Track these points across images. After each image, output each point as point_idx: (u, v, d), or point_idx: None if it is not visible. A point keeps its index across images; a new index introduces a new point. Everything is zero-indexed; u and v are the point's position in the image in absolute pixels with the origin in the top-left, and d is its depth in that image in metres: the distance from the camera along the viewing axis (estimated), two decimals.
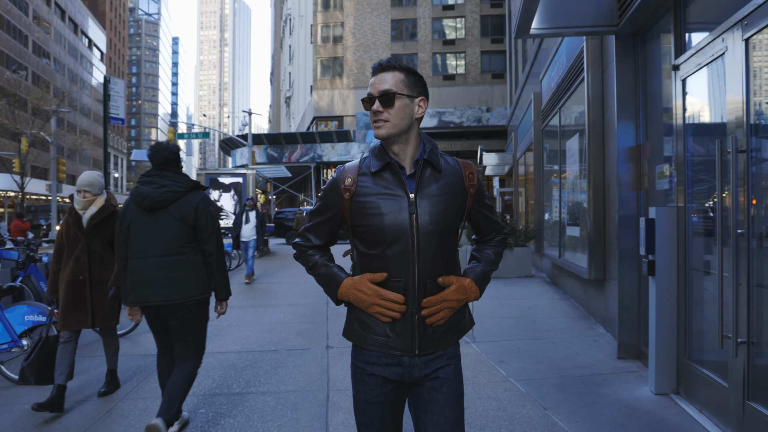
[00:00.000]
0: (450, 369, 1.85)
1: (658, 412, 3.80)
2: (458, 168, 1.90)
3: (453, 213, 1.83)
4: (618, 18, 5.04)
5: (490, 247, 2.02)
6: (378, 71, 1.80)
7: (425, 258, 1.77)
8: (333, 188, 1.87)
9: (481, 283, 1.91)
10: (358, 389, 1.87)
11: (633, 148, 5.23)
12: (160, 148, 3.48)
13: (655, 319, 4.13)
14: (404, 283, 1.78)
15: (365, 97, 1.82)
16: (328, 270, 1.89)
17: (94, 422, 3.81)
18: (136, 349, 5.89)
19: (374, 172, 1.82)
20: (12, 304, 4.82)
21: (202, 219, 3.40)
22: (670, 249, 4.10)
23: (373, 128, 1.81)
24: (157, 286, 3.27)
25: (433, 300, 1.78)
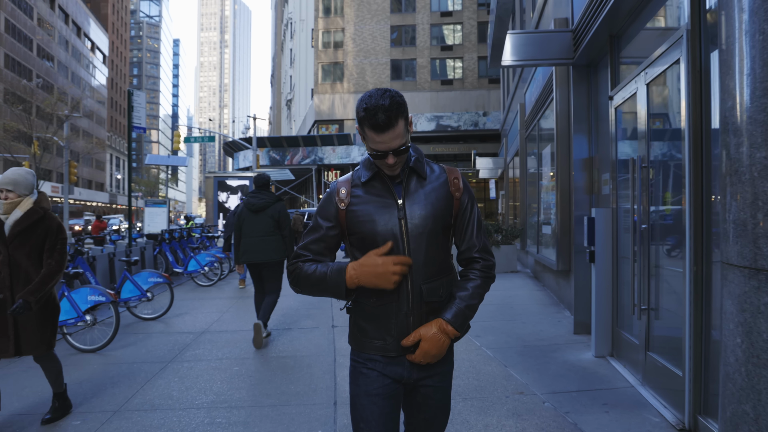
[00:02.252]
0: (441, 378, 1.94)
1: (592, 368, 4.88)
2: (443, 174, 1.94)
3: (440, 216, 1.86)
4: (573, 52, 6.13)
5: (468, 281, 1.92)
6: (385, 129, 1.73)
7: (416, 261, 1.82)
8: (328, 201, 1.91)
9: (456, 322, 1.83)
10: (357, 383, 1.90)
11: (586, 159, 6.31)
12: (261, 178, 6.26)
13: (595, 297, 5.20)
14: (397, 286, 1.81)
15: (374, 153, 1.80)
16: (325, 267, 1.85)
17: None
18: (171, 327, 6.96)
19: (364, 182, 1.88)
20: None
21: (282, 217, 5.99)
22: (606, 241, 5.17)
23: (385, 170, 1.85)
24: (257, 252, 5.85)
25: (409, 342, 1.83)
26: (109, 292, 5.83)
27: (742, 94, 1.61)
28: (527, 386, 4.42)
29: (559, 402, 4.04)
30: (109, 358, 5.54)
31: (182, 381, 4.72)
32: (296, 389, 4.45)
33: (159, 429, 3.66)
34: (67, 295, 5.75)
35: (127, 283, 7.24)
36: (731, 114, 1.66)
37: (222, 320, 7.41)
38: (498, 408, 3.94)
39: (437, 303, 1.88)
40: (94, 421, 3.81)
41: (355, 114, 1.79)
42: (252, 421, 3.77)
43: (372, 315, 1.88)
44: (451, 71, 41.69)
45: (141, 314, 7.49)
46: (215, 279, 11.20)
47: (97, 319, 5.89)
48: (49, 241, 3.68)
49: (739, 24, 1.63)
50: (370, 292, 1.85)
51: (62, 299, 5.77)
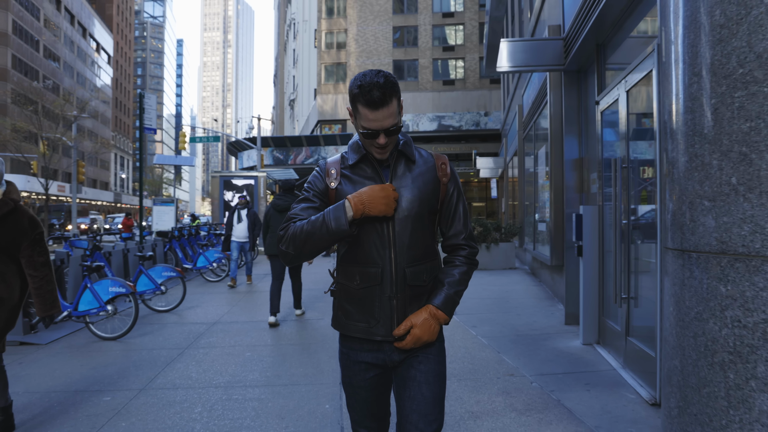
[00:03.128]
0: (430, 348, 1.92)
1: (578, 354, 5.25)
2: (431, 159, 1.95)
3: (426, 200, 1.87)
4: (564, 59, 6.50)
5: (455, 267, 1.95)
6: (379, 106, 1.73)
7: (401, 243, 1.83)
8: (318, 178, 1.93)
9: (445, 308, 1.88)
10: (345, 372, 1.98)
11: (577, 159, 6.68)
12: (287, 183, 7.41)
13: (582, 289, 5.58)
14: (381, 269, 1.83)
15: (365, 132, 1.79)
16: (323, 211, 1.82)
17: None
18: (184, 319, 7.35)
19: (352, 164, 1.89)
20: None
21: None
22: (593, 237, 5.54)
23: (374, 153, 1.85)
24: None
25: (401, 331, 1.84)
26: (128, 283, 6.22)
27: (678, 103, 1.96)
28: (517, 369, 4.80)
29: (546, 382, 4.42)
30: (130, 345, 5.93)
31: (199, 364, 5.11)
32: (305, 371, 4.83)
33: (182, 404, 4.04)
34: (89, 287, 6.14)
35: (142, 277, 7.63)
36: (669, 120, 2.02)
37: (232, 312, 7.80)
38: (489, 387, 4.32)
39: (420, 287, 1.89)
40: (122, 398, 4.20)
41: (348, 93, 1.78)
42: (265, 398, 4.15)
43: (355, 297, 1.88)
44: (453, 71, 42.02)
45: (155, 306, 7.88)
46: (222, 275, 11.60)
47: (117, 309, 6.28)
48: (24, 238, 3.33)
49: (675, 37, 1.99)
50: (354, 272, 1.87)
51: (85, 290, 6.17)
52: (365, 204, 1.76)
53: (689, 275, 1.93)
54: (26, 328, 6.16)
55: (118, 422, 3.71)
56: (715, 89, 1.71)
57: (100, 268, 6.31)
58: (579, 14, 5.67)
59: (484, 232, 12.46)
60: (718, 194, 1.69)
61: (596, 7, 5.00)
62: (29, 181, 48.69)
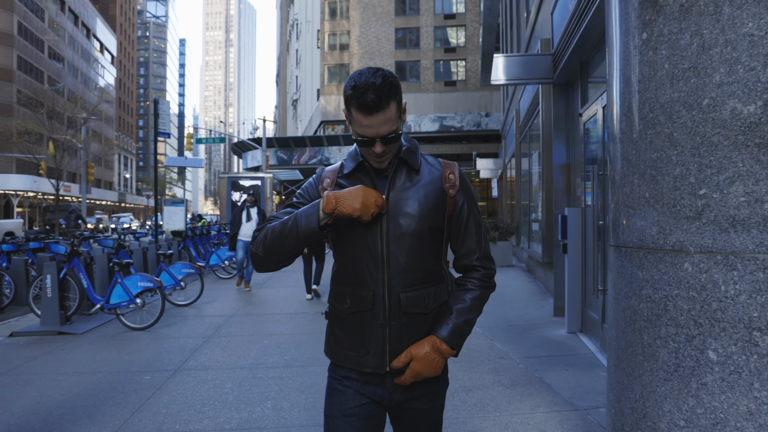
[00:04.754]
0: (433, 397, 1.74)
1: (562, 341, 5.86)
2: (438, 168, 1.74)
3: (428, 215, 1.65)
4: (553, 73, 7.10)
5: (466, 291, 1.72)
6: (373, 110, 1.53)
7: (396, 265, 1.62)
8: (313, 186, 1.76)
9: (452, 340, 1.65)
10: (331, 401, 1.71)
11: (564, 164, 7.28)
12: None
13: (567, 282, 6.18)
14: (372, 292, 1.63)
15: (359, 139, 1.60)
16: (297, 210, 1.64)
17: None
18: (203, 312, 7.97)
19: (347, 173, 1.70)
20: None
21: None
22: (576, 235, 6.14)
23: (372, 162, 1.66)
24: None
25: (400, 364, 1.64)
26: (155, 279, 6.83)
27: (614, 133, 2.56)
28: (507, 353, 5.41)
29: (531, 363, 5.03)
30: (158, 334, 6.55)
31: (224, 350, 5.72)
32: (319, 356, 5.44)
33: (213, 381, 4.66)
34: (120, 282, 6.76)
35: (163, 273, 8.24)
36: (610, 145, 2.62)
37: (247, 306, 8.42)
38: (481, 367, 4.93)
39: (421, 315, 1.67)
40: (160, 377, 4.81)
41: (342, 94, 1.64)
42: (285, 376, 4.76)
43: (346, 322, 1.70)
44: (455, 72, 42.61)
45: (175, 301, 8.50)
46: (234, 272, 12.22)
47: (145, 302, 6.90)
48: None
49: (614, 83, 2.58)
50: (345, 294, 1.69)
51: (116, 285, 6.79)
52: (338, 199, 1.55)
53: (620, 265, 2.53)
54: (62, 320, 6.77)
55: (161, 396, 4.32)
56: (636, 127, 2.30)
57: (130, 265, 6.93)
58: (564, 34, 6.27)
59: None
60: (637, 204, 2.30)
61: (578, 30, 5.60)
62: (36, 181, 49.39)
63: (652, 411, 2.19)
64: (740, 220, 1.90)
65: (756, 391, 1.86)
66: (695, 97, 2.03)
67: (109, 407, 4.07)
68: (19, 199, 49.76)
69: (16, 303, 8.77)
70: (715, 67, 1.97)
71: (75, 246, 7.24)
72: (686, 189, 2.06)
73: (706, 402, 1.99)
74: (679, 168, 2.08)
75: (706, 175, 2.00)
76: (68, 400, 4.23)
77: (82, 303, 7.17)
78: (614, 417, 2.47)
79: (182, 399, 4.22)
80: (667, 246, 2.15)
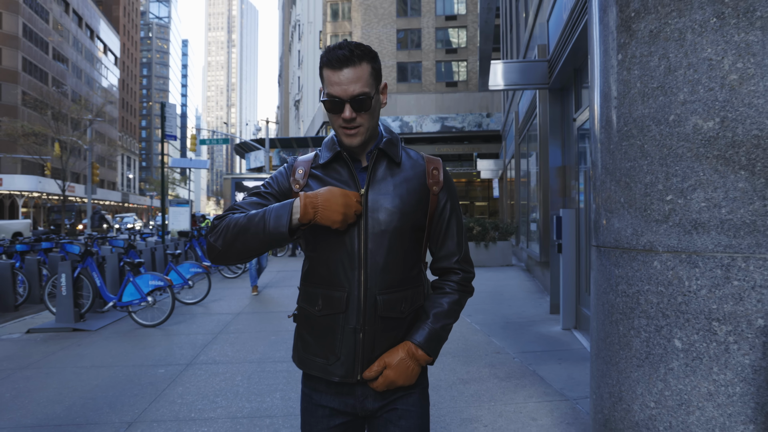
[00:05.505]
0: (411, 399, 1.61)
1: (557, 337, 6.11)
2: (421, 162, 1.63)
3: (410, 212, 1.55)
4: (549, 78, 7.34)
5: (444, 295, 1.64)
6: (342, 64, 1.43)
7: (374, 264, 1.52)
8: (282, 176, 1.63)
9: (428, 346, 1.57)
10: (304, 419, 1.64)
11: (560, 167, 7.52)
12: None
13: (562, 281, 6.42)
14: (347, 293, 1.52)
15: (327, 99, 1.47)
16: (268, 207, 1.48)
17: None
18: (210, 310, 8.23)
19: (323, 164, 1.59)
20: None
21: None
22: (571, 235, 6.39)
23: (341, 135, 1.53)
24: None
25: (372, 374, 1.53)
26: (166, 278, 7.09)
27: (596, 144, 2.80)
28: (503, 348, 5.65)
29: (526, 358, 5.27)
30: (169, 331, 6.81)
31: (233, 345, 5.98)
32: None
33: (224, 374, 4.91)
34: (132, 281, 7.02)
35: (171, 272, 8.50)
36: (593, 142, 2.86)
37: (253, 304, 8.67)
38: (478, 361, 5.18)
39: (396, 320, 1.57)
40: (174, 370, 5.07)
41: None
42: (292, 370, 5.02)
43: (316, 326, 1.58)
44: (456, 73, 42.85)
45: (183, 299, 8.76)
46: (239, 272, 12.48)
47: (156, 300, 7.16)
48: None
49: (595, 98, 2.83)
50: (316, 295, 1.57)
51: (128, 284, 7.05)
52: (317, 208, 1.44)
53: (600, 263, 2.78)
54: (77, 317, 7.04)
55: (175, 387, 4.58)
56: (613, 138, 2.55)
57: (141, 265, 7.19)
58: (559, 42, 6.52)
59: (483, 231, 13.30)
60: (614, 208, 2.54)
61: (571, 40, 5.84)
62: (40, 181, 49.79)
63: (627, 394, 2.45)
64: (701, 223, 2.16)
65: (715, 375, 2.12)
66: (663, 113, 2.29)
67: (128, 397, 4.32)
68: (23, 200, 50.15)
69: (29, 301, 9.04)
70: (679, 87, 2.23)
71: (88, 246, 7.49)
72: (655, 195, 2.31)
73: (673, 385, 2.24)
74: (649, 176, 2.33)
75: (672, 183, 2.25)
76: (89, 391, 4.49)
77: (95, 301, 7.44)
78: (595, 401, 2.72)
79: (196, 390, 4.48)
80: (639, 246, 2.40)
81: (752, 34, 2.05)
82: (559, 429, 3.59)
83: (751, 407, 2.06)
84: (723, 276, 2.12)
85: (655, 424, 2.31)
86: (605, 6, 2.58)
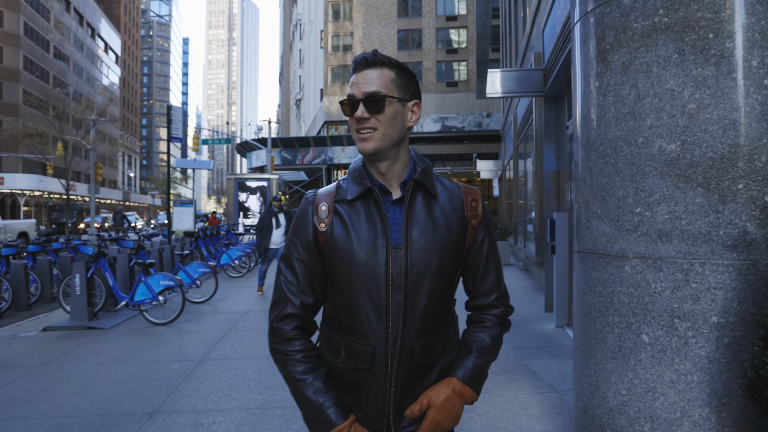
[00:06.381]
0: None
1: (550, 334, 6.42)
2: (459, 193, 1.50)
3: (451, 252, 1.43)
4: (544, 86, 7.64)
5: (485, 329, 1.52)
6: (361, 67, 1.39)
7: (413, 309, 1.39)
8: (304, 220, 1.46)
9: (473, 382, 1.46)
10: None
11: (554, 171, 7.83)
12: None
13: (555, 280, 6.73)
14: (372, 348, 1.39)
15: (344, 100, 1.40)
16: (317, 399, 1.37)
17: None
18: (218, 309, 8.54)
19: (351, 199, 1.43)
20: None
21: None
22: (564, 238, 6.69)
23: (356, 140, 1.40)
24: None
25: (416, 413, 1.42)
26: (176, 278, 7.40)
27: (577, 159, 3.11)
28: None
29: (520, 353, 5.58)
30: (179, 329, 7.12)
31: (242, 342, 6.29)
32: None
33: (236, 369, 5.22)
34: (143, 280, 7.33)
35: (180, 272, 8.81)
36: (575, 159, 3.16)
37: (259, 303, 8.99)
38: None
39: (429, 366, 1.46)
40: (188, 366, 5.38)
41: None
42: None
43: (339, 378, 1.45)
44: (456, 73, 43.13)
45: (191, 298, 9.07)
46: (244, 271, 12.80)
47: (167, 299, 7.47)
48: None
49: (576, 118, 3.13)
50: (339, 345, 1.45)
51: (140, 284, 7.36)
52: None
53: (580, 267, 3.08)
54: (90, 315, 7.35)
55: (190, 381, 4.89)
56: (590, 156, 2.86)
57: (152, 265, 7.50)
58: (552, 53, 6.82)
59: None
60: (591, 218, 2.85)
61: (563, 52, 6.14)
62: (42, 180, 50.10)
63: (603, 383, 2.76)
64: (665, 233, 2.47)
65: (676, 365, 2.44)
66: (633, 135, 2.60)
67: (147, 390, 4.64)
68: (25, 198, 50.47)
69: (41, 301, 9.35)
70: (646, 113, 2.54)
71: (101, 247, 7.80)
72: (626, 207, 2.63)
73: (641, 374, 2.56)
74: (622, 191, 2.65)
75: (640, 197, 2.57)
76: (109, 385, 4.80)
77: (108, 300, 7.75)
78: (577, 390, 3.03)
79: (210, 384, 4.79)
80: (613, 252, 2.71)
81: (707, 69, 2.36)
82: (547, 418, 3.90)
83: (707, 393, 2.38)
84: (683, 279, 2.44)
85: (626, 409, 2.63)
86: (585, 37, 2.90)
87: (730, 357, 2.33)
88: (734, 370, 2.32)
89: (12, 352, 6.03)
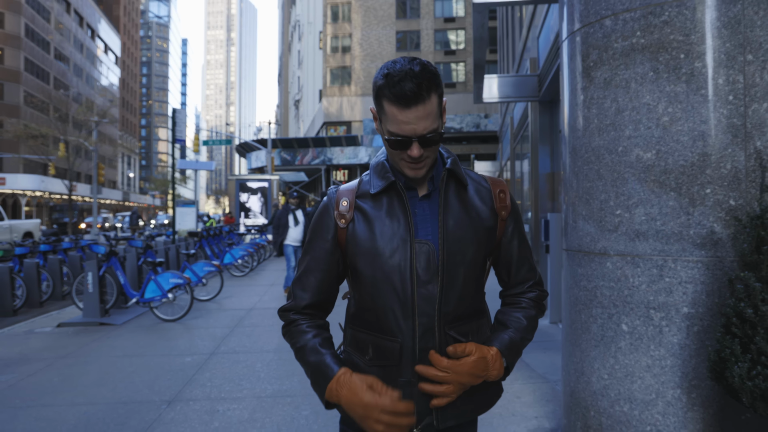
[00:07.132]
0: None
1: (544, 330, 6.71)
2: (486, 185, 1.49)
3: (484, 242, 1.43)
4: (539, 91, 7.93)
5: (520, 309, 1.50)
6: (411, 102, 1.26)
7: (447, 302, 1.37)
8: (325, 217, 1.44)
9: (509, 355, 1.41)
10: None
11: (549, 173, 8.12)
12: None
13: (549, 279, 7.01)
14: (400, 344, 1.36)
15: (392, 139, 1.32)
16: (318, 358, 1.38)
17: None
18: (224, 306, 8.82)
19: (375, 193, 1.41)
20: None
21: None
22: (557, 237, 6.97)
23: (405, 169, 1.36)
24: None
25: (437, 368, 1.32)
26: (184, 276, 7.68)
27: (565, 166, 3.39)
28: None
29: None
30: (188, 325, 7.39)
31: (249, 337, 6.57)
32: (336, 342, 6.27)
33: (245, 362, 5.50)
34: (153, 278, 7.61)
35: (187, 271, 9.08)
36: (564, 165, 3.44)
37: (263, 300, 9.26)
38: None
39: None
40: (199, 359, 5.66)
41: (372, 87, 1.36)
42: None
43: (366, 373, 1.41)
44: (455, 74, 43.42)
45: (198, 296, 9.34)
46: (247, 270, 13.07)
47: (176, 296, 7.75)
48: None
49: (564, 127, 3.41)
50: (365, 342, 1.43)
51: (150, 281, 7.64)
52: (341, 401, 1.33)
53: (568, 264, 3.36)
54: (102, 312, 7.62)
55: (203, 373, 5.17)
56: (576, 162, 3.14)
57: (161, 264, 7.78)
58: (546, 60, 7.10)
59: None
60: (577, 219, 3.13)
61: (556, 61, 6.43)
62: (43, 181, 50.34)
63: (587, 369, 3.04)
64: (642, 233, 2.76)
65: (652, 351, 2.72)
66: (614, 144, 2.88)
67: (163, 381, 4.91)
68: (26, 199, 50.69)
69: (52, 298, 9.62)
70: (625, 125, 2.83)
71: (112, 247, 8.07)
72: (608, 210, 2.91)
73: (621, 360, 2.84)
74: (604, 195, 2.93)
75: (620, 201, 2.85)
76: (127, 376, 5.08)
77: (119, 297, 8.02)
78: (565, 377, 3.32)
79: (222, 375, 5.07)
80: (596, 250, 2.99)
81: (679, 86, 2.64)
82: (539, 404, 4.18)
83: (678, 376, 2.66)
84: (658, 274, 2.72)
85: (608, 392, 2.91)
86: (572, 54, 3.19)
87: (699, 344, 2.61)
88: (702, 356, 2.61)
89: (31, 347, 6.30)
